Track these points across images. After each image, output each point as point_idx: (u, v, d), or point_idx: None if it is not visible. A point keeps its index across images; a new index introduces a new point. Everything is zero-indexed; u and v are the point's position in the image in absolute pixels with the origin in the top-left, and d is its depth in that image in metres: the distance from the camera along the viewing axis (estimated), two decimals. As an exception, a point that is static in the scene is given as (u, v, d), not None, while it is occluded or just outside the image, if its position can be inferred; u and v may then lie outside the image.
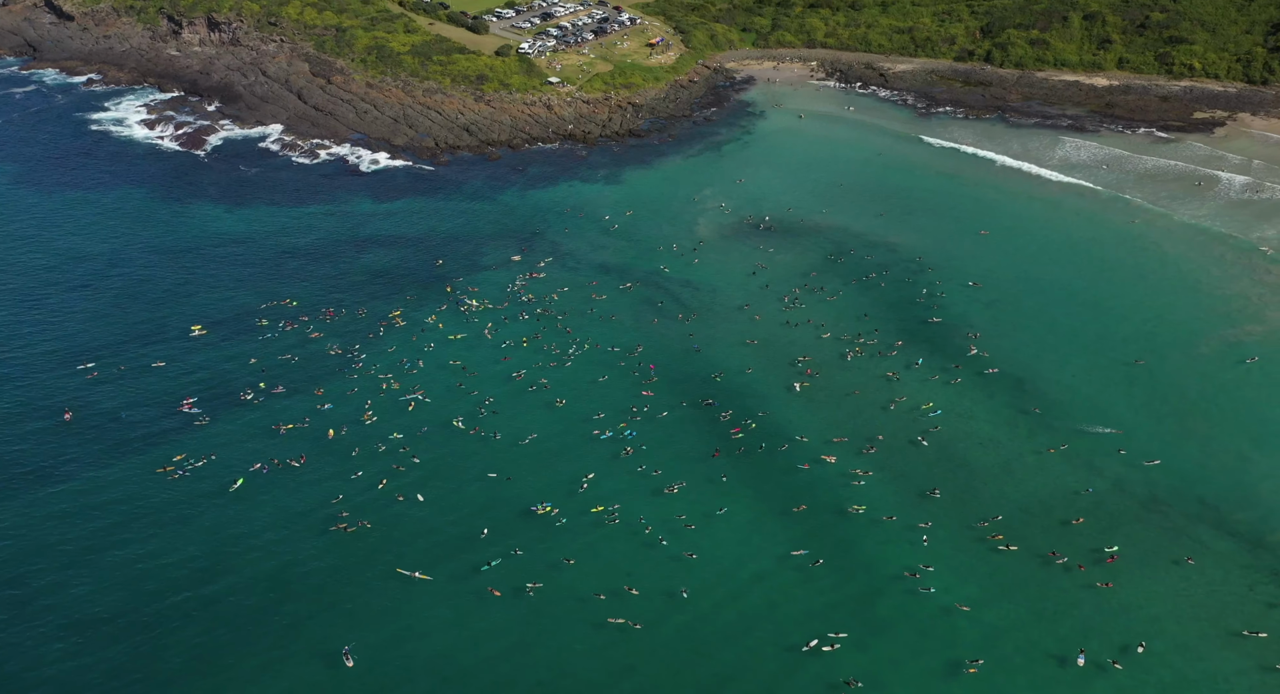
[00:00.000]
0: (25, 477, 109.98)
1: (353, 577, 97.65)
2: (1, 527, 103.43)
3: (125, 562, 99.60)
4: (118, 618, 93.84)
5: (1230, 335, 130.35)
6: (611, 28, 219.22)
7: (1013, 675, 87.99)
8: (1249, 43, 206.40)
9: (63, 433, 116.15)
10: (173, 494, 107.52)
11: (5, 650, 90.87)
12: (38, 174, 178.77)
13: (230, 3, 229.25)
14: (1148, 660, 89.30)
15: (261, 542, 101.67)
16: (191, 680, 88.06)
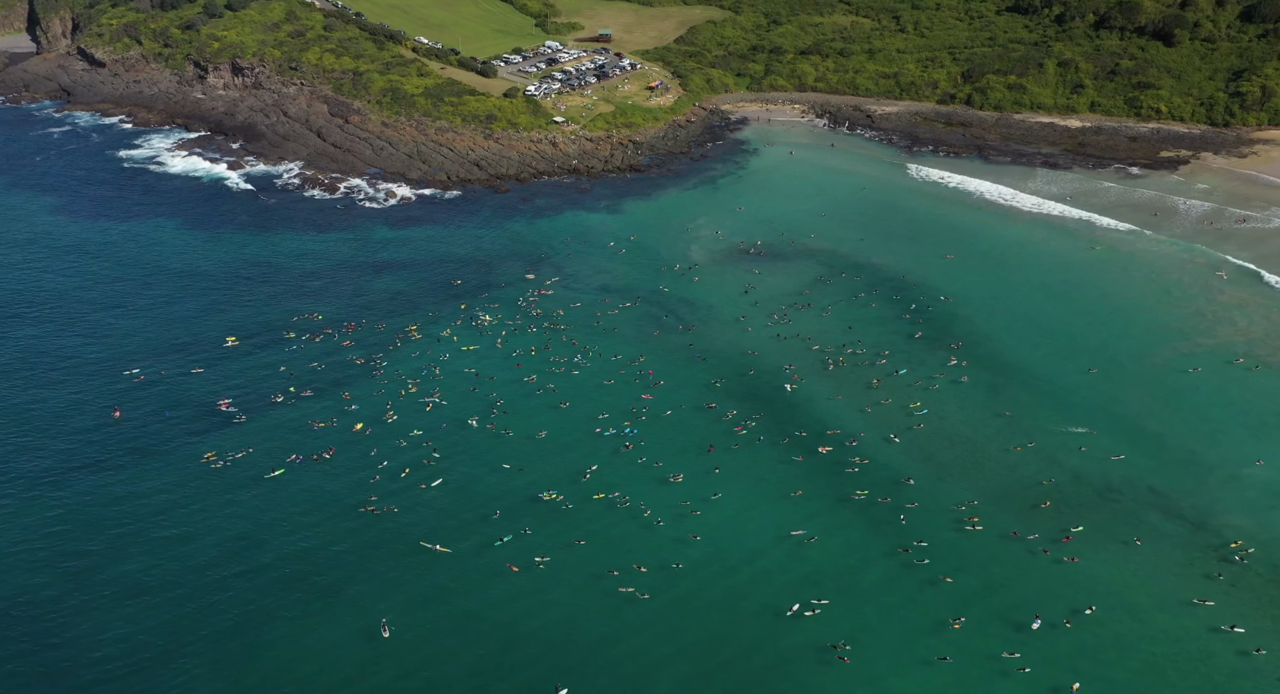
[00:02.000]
0: (82, 466, 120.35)
1: (382, 551, 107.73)
2: (62, 510, 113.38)
3: (175, 539, 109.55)
4: (169, 587, 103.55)
5: (1183, 347, 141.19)
6: (613, 72, 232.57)
7: (985, 635, 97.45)
8: (1211, 88, 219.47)
9: (114, 429, 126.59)
10: (216, 481, 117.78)
11: (71, 615, 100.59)
12: (76, 204, 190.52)
13: (253, 49, 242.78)
14: (1097, 620, 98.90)
15: (298, 522, 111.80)
16: (239, 638, 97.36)
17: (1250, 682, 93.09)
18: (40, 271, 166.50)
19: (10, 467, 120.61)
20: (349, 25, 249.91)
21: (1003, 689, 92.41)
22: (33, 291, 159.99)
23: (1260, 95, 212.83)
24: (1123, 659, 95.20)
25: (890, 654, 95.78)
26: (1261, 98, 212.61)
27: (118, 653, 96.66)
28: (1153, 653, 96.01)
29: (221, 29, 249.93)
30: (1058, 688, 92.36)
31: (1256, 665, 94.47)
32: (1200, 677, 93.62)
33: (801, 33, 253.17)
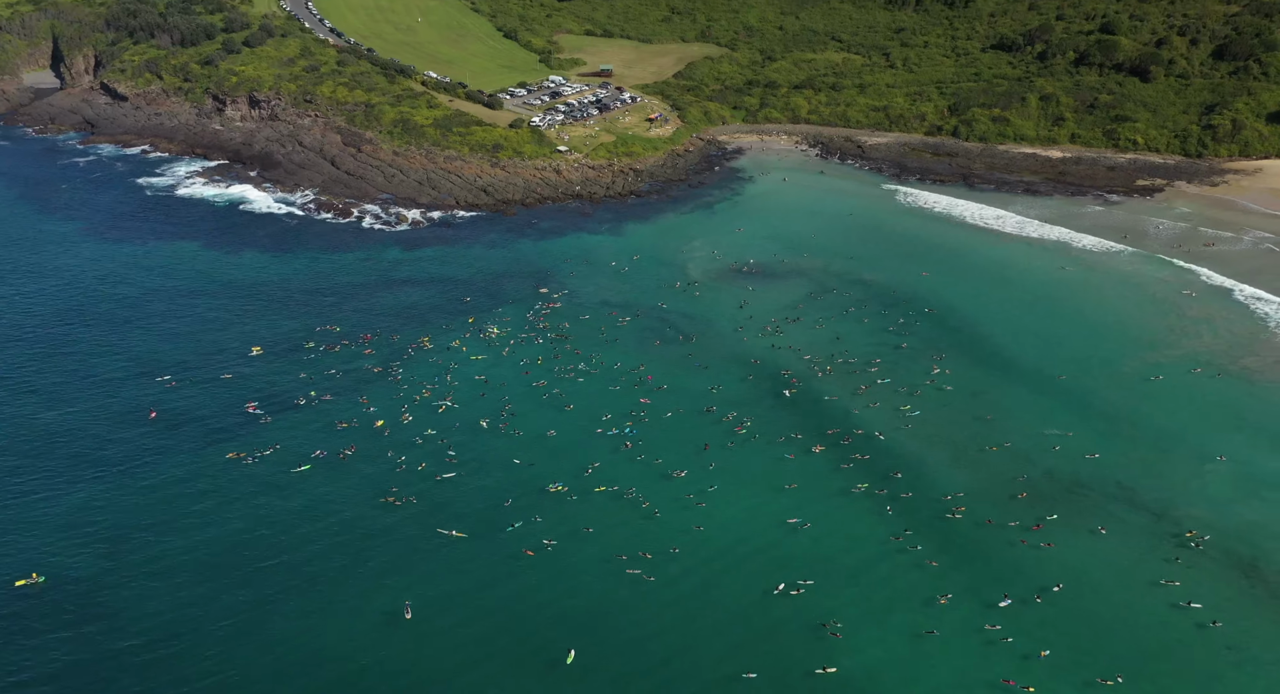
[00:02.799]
0: (120, 462, 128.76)
1: (402, 535, 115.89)
2: (102, 502, 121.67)
3: (207, 526, 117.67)
4: (203, 568, 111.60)
5: (1150, 358, 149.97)
6: (614, 105, 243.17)
7: (968, 611, 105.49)
8: (1185, 121, 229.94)
9: (149, 428, 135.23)
10: (246, 475, 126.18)
11: (113, 591, 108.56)
12: (104, 228, 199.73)
13: (270, 83, 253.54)
14: (1065, 597, 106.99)
15: (324, 510, 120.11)
16: (269, 616, 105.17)
17: (1206, 650, 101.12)
18: (71, 290, 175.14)
19: (54, 461, 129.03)
20: (361, 60, 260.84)
21: (986, 656, 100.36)
22: (66, 309, 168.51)
23: (1231, 128, 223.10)
24: (1088, 631, 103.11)
25: (879, 628, 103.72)
26: (1232, 130, 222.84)
27: (153, 625, 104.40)
28: (1115, 625, 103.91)
29: (239, 64, 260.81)
30: (1029, 655, 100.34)
31: (1211, 636, 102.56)
32: (1159, 645, 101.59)
33: (795, 68, 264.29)
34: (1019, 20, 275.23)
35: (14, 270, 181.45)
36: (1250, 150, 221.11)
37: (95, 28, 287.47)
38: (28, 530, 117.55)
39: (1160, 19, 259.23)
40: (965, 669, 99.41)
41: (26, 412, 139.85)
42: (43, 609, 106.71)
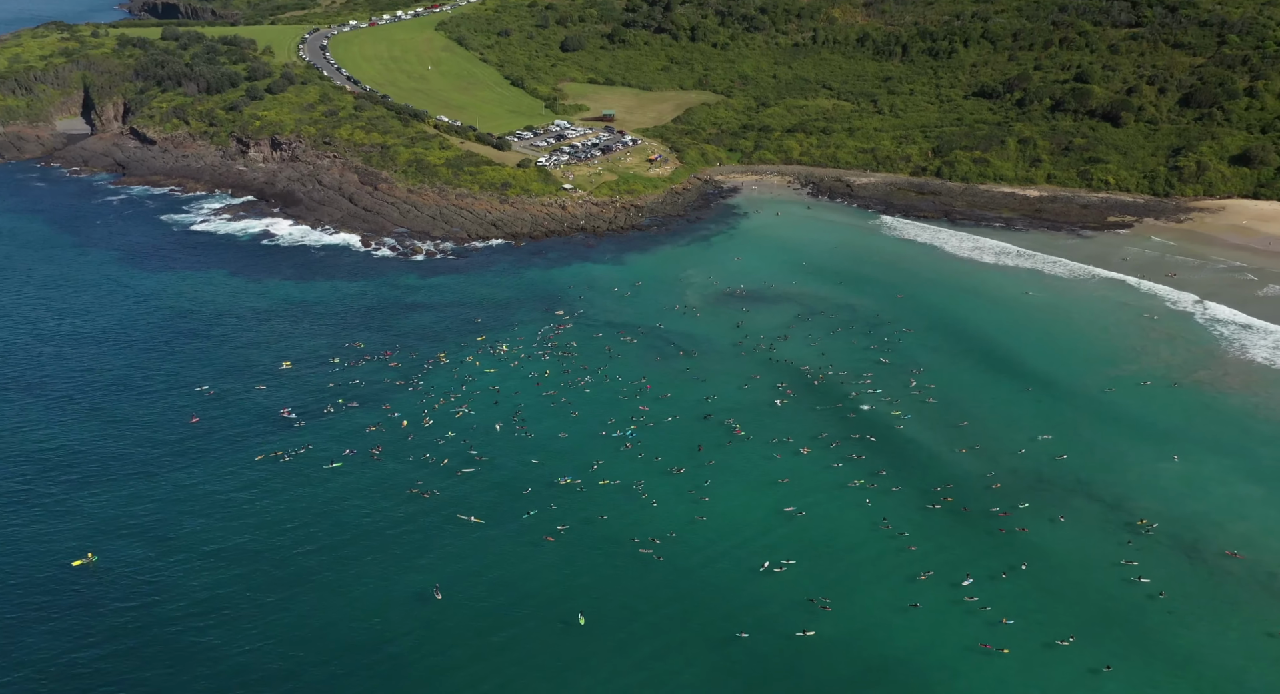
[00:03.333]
0: (165, 460, 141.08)
1: (428, 522, 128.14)
2: (152, 497, 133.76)
3: (248, 514, 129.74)
4: (246, 553, 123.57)
5: (1112, 372, 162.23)
6: (616, 147, 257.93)
7: (946, 587, 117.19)
8: (1154, 163, 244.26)
9: (191, 431, 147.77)
10: (283, 471, 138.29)
11: (162, 571, 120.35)
12: (138, 259, 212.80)
13: (291, 126, 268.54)
14: (1030, 573, 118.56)
15: (355, 500, 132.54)
16: (308, 597, 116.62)
17: (1151, 615, 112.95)
18: (112, 313, 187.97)
19: (108, 460, 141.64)
20: (376, 106, 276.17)
21: (964, 623, 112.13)
22: (107, 330, 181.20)
23: (1196, 170, 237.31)
24: (1049, 602, 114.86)
25: (867, 601, 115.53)
26: (1197, 172, 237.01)
27: (198, 600, 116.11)
28: (1073, 597, 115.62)
29: (262, 110, 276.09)
30: (994, 622, 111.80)
31: (1157, 604, 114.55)
32: (1110, 611, 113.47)
33: (788, 114, 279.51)
34: (999, 70, 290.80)
35: (60, 296, 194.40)
36: (1214, 190, 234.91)
37: (125, 77, 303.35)
38: (85, 518, 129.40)
39: (1131, 70, 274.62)
40: (946, 634, 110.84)
41: (79, 417, 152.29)
42: (99, 586, 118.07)
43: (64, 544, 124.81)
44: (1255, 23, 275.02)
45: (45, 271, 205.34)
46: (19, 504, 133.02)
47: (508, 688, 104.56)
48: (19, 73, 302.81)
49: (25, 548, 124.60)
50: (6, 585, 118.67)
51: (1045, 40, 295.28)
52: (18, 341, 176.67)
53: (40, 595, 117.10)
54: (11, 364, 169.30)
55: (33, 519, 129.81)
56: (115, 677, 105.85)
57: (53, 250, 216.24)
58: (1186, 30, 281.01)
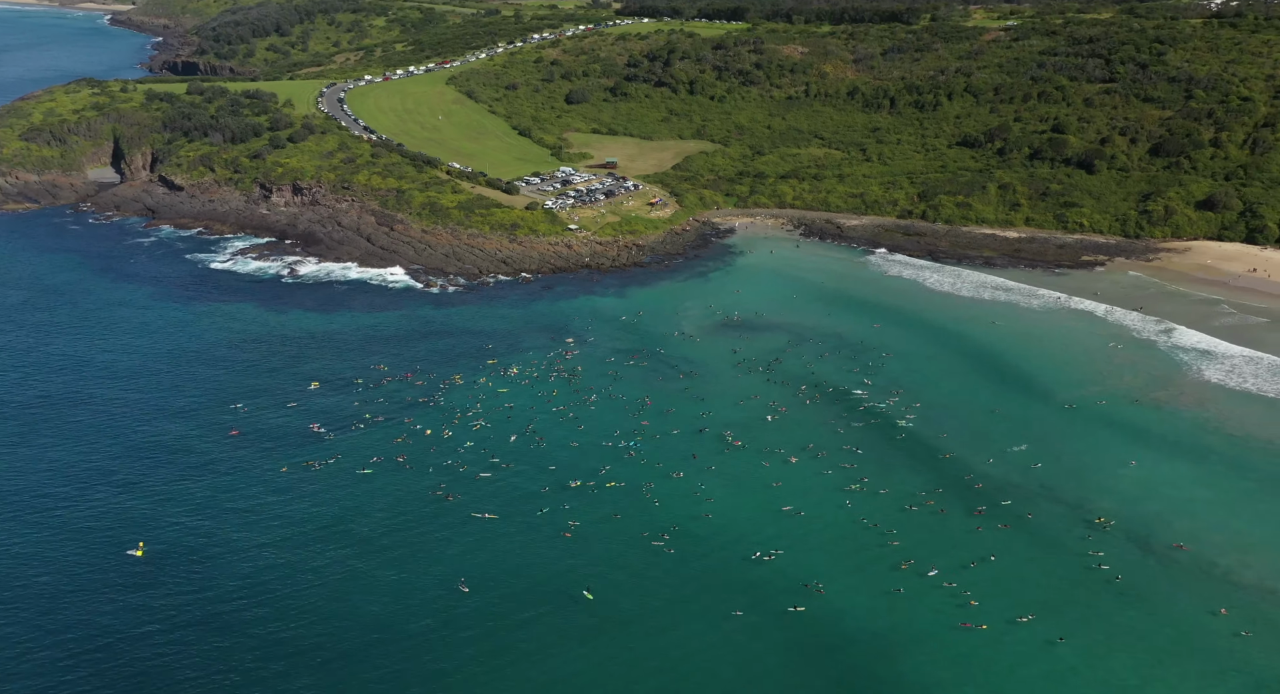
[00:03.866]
0: (208, 469, 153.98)
1: (451, 520, 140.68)
2: (198, 498, 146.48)
3: (286, 512, 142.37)
4: (285, 541, 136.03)
5: (1077, 393, 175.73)
6: (619, 191, 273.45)
7: (924, 573, 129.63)
8: (1125, 207, 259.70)
9: (230, 442, 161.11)
10: (317, 476, 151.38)
11: (208, 562, 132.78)
12: (172, 293, 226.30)
13: (311, 173, 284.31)
14: (998, 563, 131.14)
15: (384, 501, 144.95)
16: (344, 585, 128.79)
17: (1106, 598, 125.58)
18: (148, 341, 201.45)
19: (157, 469, 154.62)
20: (392, 153, 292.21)
21: (942, 603, 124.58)
22: (146, 355, 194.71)
23: (1164, 213, 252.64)
24: (1014, 586, 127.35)
25: (852, 585, 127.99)
26: (1165, 215, 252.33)
27: (244, 587, 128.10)
28: (1035, 581, 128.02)
29: (284, 157, 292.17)
30: (963, 604, 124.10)
31: (1112, 588, 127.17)
32: (1070, 593, 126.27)
33: (782, 161, 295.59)
34: (981, 121, 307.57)
35: (102, 327, 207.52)
36: (1181, 232, 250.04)
37: (153, 129, 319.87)
38: (139, 516, 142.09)
39: (1104, 121, 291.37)
40: (924, 612, 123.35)
41: (127, 429, 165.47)
42: (155, 573, 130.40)
43: (124, 535, 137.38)
44: (1220, 79, 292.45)
45: (87, 303, 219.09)
46: (78, 501, 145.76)
47: (528, 658, 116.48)
48: (54, 125, 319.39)
49: (91, 538, 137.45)
50: (78, 568, 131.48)
51: (1024, 94, 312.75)
52: (68, 364, 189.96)
53: (107, 574, 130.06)
54: (63, 381, 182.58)
55: (93, 516, 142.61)
56: (176, 646, 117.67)
57: (92, 285, 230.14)
58: (1156, 86, 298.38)
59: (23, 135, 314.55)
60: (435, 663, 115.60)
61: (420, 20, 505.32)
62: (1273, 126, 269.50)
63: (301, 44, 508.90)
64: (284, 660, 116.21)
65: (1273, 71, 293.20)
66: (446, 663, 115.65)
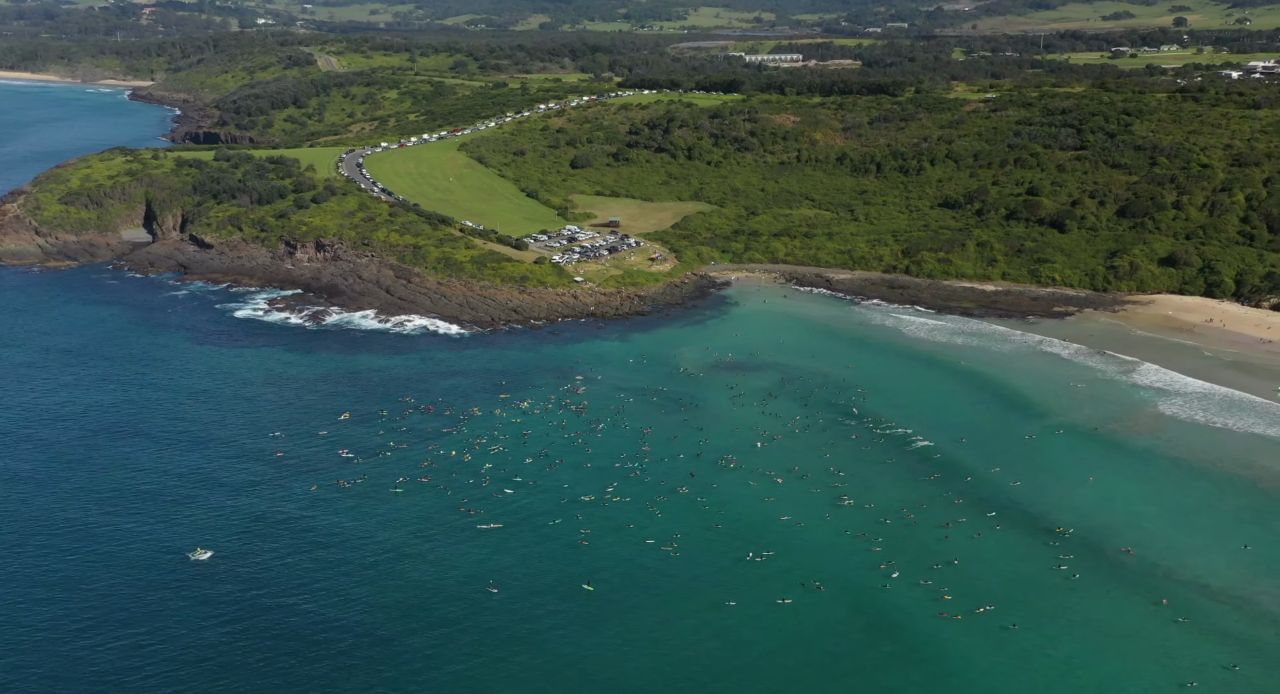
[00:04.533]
0: (256, 487, 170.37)
1: (475, 531, 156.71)
2: (251, 512, 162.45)
3: (323, 526, 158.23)
4: (321, 545, 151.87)
5: (1044, 423, 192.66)
6: (621, 247, 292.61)
7: (906, 574, 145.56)
8: (1094, 263, 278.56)
9: (277, 463, 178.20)
10: (350, 493, 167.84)
11: (262, 562, 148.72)
12: (205, 339, 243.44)
13: (333, 230, 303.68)
14: (965, 568, 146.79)
15: (415, 515, 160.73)
16: (384, 583, 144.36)
17: (1059, 594, 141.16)
18: (188, 380, 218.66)
19: (210, 484, 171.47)
20: (409, 212, 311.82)
21: (923, 600, 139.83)
22: (187, 393, 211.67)
23: (1130, 269, 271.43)
24: (983, 584, 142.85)
25: (848, 584, 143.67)
26: (1130, 271, 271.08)
27: (287, 586, 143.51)
28: (999, 580, 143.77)
29: (308, 217, 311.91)
30: (937, 597, 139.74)
31: (1069, 584, 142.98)
32: (1028, 589, 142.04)
33: (774, 221, 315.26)
34: (961, 185, 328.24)
35: (146, 368, 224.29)
36: (1145, 286, 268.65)
37: (183, 192, 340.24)
38: (198, 523, 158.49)
39: (1075, 185, 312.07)
40: (909, 607, 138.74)
41: (178, 454, 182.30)
42: (213, 572, 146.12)
43: (182, 542, 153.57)
44: (1182, 148, 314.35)
45: (132, 348, 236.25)
46: (144, 513, 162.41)
47: (543, 642, 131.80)
48: (90, 189, 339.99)
49: (154, 544, 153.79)
50: (144, 570, 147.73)
51: (1002, 160, 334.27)
52: (116, 401, 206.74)
53: (166, 574, 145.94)
54: (117, 415, 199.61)
55: (154, 523, 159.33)
56: (234, 633, 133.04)
57: (134, 332, 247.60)
58: (1123, 153, 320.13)
59: (62, 199, 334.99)
60: (467, 644, 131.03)
61: (431, 93, 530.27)
62: (1229, 191, 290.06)
63: (318, 115, 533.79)
64: (342, 636, 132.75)
65: (1230, 141, 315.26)
66: (472, 647, 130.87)
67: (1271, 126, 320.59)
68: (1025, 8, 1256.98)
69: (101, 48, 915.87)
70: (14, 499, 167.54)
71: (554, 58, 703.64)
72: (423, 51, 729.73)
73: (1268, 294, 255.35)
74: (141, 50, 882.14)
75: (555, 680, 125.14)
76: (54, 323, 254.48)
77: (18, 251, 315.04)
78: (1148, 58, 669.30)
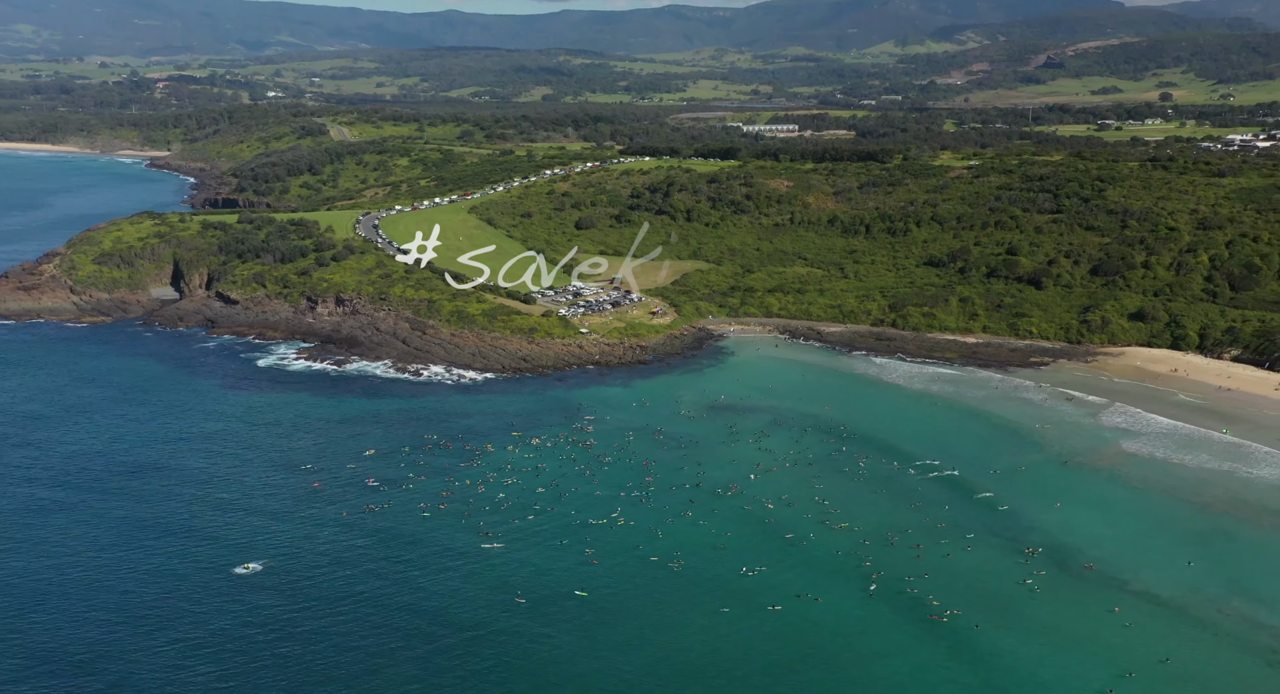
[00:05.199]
0: (292, 512, 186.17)
1: (494, 552, 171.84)
2: (290, 533, 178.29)
3: (356, 546, 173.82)
4: (355, 560, 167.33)
5: (1015, 458, 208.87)
6: (624, 302, 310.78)
7: (891, 583, 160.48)
8: (1069, 317, 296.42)
9: (315, 493, 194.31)
10: (380, 516, 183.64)
11: (306, 577, 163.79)
12: (236, 385, 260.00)
13: (352, 286, 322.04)
14: (940, 580, 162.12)
15: (440, 538, 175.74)
16: (405, 586, 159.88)
17: (1023, 602, 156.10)
18: (222, 423, 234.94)
19: (252, 515, 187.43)
20: (423, 269, 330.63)
21: (910, 605, 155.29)
22: (224, 433, 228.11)
23: (1101, 323, 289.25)
24: (957, 595, 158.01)
25: (839, 597, 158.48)
26: (1102, 325, 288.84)
27: (327, 595, 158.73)
28: (966, 589, 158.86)
29: (328, 274, 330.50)
30: (924, 602, 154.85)
31: (1031, 594, 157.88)
32: (994, 597, 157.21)
33: (769, 278, 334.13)
34: (945, 245, 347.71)
35: (183, 411, 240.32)
36: (1116, 339, 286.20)
37: (209, 252, 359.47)
38: (245, 541, 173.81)
39: (1052, 246, 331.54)
40: (888, 612, 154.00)
41: (222, 484, 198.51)
42: (260, 584, 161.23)
43: (228, 559, 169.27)
44: (1150, 212, 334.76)
45: (168, 394, 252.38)
46: (195, 534, 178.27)
47: (554, 645, 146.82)
48: (122, 250, 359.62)
49: (204, 561, 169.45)
50: (195, 581, 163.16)
51: (983, 222, 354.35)
52: (157, 440, 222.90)
53: (226, 582, 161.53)
54: (158, 452, 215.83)
55: (204, 541, 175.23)
56: (280, 634, 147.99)
57: (169, 379, 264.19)
58: (1097, 216, 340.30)
59: (96, 259, 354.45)
60: (496, 642, 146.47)
61: (440, 160, 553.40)
62: (1194, 252, 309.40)
63: (332, 182, 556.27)
64: (385, 637, 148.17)
65: (1195, 206, 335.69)
66: (501, 645, 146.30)
67: (1234, 193, 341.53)
68: (1016, 82, 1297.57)
69: (119, 120, 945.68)
70: (74, 524, 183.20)
71: (558, 127, 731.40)
72: (431, 121, 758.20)
73: (1229, 347, 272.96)
74: (158, 122, 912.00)
75: (565, 668, 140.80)
76: (95, 371, 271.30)
77: (55, 308, 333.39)
78: (1132, 130, 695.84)
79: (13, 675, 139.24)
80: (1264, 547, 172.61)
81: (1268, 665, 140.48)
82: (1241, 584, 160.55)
